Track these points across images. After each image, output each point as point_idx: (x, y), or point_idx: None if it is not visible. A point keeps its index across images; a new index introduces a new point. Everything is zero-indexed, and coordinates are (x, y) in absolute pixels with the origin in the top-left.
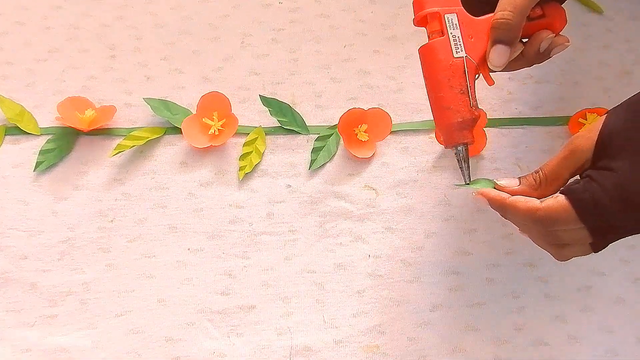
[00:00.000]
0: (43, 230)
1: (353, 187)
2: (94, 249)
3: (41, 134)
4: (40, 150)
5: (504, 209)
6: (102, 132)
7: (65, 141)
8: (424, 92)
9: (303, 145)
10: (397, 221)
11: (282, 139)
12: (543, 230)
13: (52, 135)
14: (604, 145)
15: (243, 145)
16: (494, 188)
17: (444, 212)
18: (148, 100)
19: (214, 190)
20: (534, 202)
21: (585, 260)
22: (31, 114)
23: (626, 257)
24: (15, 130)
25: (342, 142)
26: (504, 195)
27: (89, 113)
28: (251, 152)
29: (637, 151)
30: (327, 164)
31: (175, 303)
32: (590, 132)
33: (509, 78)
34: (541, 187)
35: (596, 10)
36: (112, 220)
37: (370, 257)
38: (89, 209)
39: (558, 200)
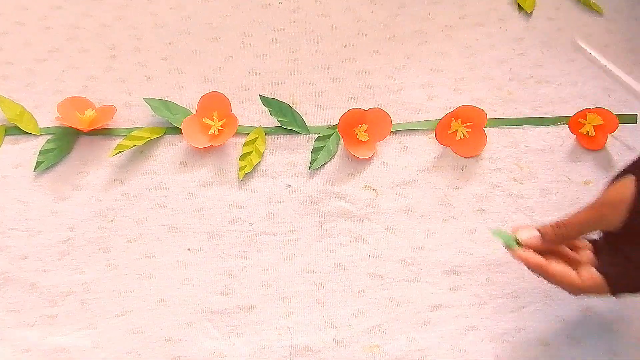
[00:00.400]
0: (43, 230)
1: (353, 187)
2: (94, 249)
3: (41, 134)
4: (40, 150)
5: (543, 274)
6: (102, 132)
7: (65, 141)
8: (424, 92)
9: (303, 145)
10: (397, 221)
11: (282, 139)
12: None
13: (52, 135)
14: (637, 215)
15: (243, 145)
16: (516, 242)
17: (444, 212)
18: (148, 100)
19: (214, 190)
20: (572, 278)
21: None
22: (31, 114)
23: None
24: (15, 130)
25: (342, 142)
26: (543, 262)
27: (89, 113)
28: (251, 152)
29: None
30: (327, 164)
31: (175, 303)
32: (620, 196)
33: (509, 78)
34: (563, 241)
35: (596, 10)
36: (112, 220)
37: (370, 257)
38: (89, 209)
39: (596, 282)
